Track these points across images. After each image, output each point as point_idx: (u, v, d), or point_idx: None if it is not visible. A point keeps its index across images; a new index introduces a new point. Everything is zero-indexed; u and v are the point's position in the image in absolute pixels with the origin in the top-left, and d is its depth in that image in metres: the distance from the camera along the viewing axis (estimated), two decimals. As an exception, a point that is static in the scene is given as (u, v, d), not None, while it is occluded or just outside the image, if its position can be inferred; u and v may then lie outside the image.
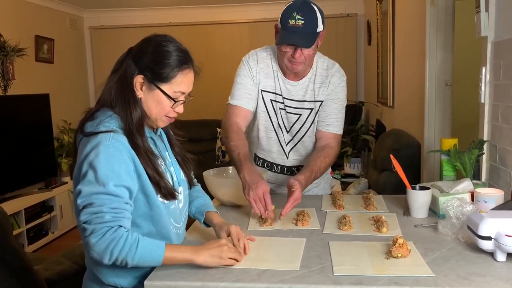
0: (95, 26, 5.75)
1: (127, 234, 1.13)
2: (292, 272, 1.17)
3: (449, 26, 2.59)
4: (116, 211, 1.12)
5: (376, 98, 4.52)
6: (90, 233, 1.11)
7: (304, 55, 1.70)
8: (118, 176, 1.13)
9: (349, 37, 5.45)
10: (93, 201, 1.11)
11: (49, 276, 2.04)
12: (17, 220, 3.75)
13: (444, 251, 1.27)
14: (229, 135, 1.78)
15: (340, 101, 1.86)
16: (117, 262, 1.13)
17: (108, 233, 1.10)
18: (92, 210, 1.11)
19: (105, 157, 1.13)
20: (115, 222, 1.12)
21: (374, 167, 3.47)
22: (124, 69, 1.23)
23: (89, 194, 1.11)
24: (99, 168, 1.12)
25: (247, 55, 1.89)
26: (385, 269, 1.16)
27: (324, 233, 1.47)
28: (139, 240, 1.14)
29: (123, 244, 1.11)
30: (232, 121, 1.82)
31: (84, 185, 1.12)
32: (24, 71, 4.41)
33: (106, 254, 1.11)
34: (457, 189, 1.59)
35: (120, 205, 1.13)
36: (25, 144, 4.11)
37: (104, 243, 1.10)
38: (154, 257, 1.15)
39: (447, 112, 2.68)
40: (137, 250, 1.12)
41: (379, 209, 1.69)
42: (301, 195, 1.61)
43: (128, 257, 1.12)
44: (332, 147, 1.85)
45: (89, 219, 1.11)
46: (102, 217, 1.11)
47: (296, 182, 1.61)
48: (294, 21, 1.63)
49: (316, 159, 1.78)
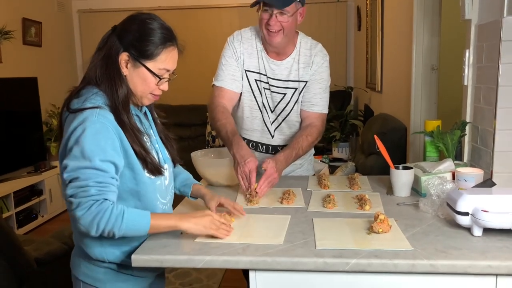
0: (84, 10, 5.68)
1: (112, 206, 1.15)
2: (276, 246, 1.20)
3: (436, 10, 2.62)
4: (102, 185, 1.14)
5: (365, 83, 4.54)
6: (76, 207, 1.13)
7: (280, 22, 1.71)
8: (104, 151, 1.15)
9: (339, 23, 5.45)
10: (78, 175, 1.13)
11: (38, 256, 2.06)
12: (6, 204, 3.75)
13: (424, 227, 1.31)
14: (215, 116, 1.81)
15: (323, 81, 1.89)
16: (104, 234, 1.15)
17: (94, 206, 1.12)
18: (78, 184, 1.13)
19: (92, 132, 1.14)
20: (100, 196, 1.14)
21: (361, 151, 3.51)
22: (109, 47, 1.24)
23: (75, 168, 1.13)
24: (85, 143, 1.13)
25: (231, 35, 1.92)
26: (366, 243, 1.20)
27: (308, 210, 1.50)
28: (125, 211, 1.16)
29: (109, 216, 1.13)
30: (218, 102, 1.85)
31: (70, 160, 1.14)
32: (11, 54, 4.36)
33: (93, 226, 1.13)
34: (439, 169, 1.63)
35: (105, 180, 1.15)
36: (13, 128, 4.08)
37: (90, 216, 1.12)
38: (140, 227, 1.18)
39: (433, 96, 2.72)
40: (123, 221, 1.14)
41: (363, 189, 1.73)
42: (275, 172, 1.64)
43: (114, 228, 1.14)
44: (316, 125, 1.88)
45: (75, 193, 1.13)
46: (88, 191, 1.12)
47: (269, 159, 1.66)
48: None
49: (298, 138, 1.82)
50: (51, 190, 4.35)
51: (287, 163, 1.75)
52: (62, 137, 1.24)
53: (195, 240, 1.26)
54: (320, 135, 1.91)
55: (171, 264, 1.19)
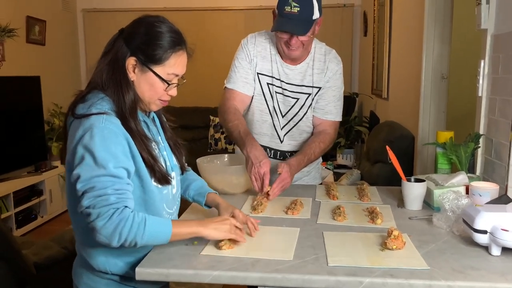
0: (88, 9, 5.65)
1: (133, 214, 1.10)
2: (286, 262, 1.15)
3: (447, 18, 2.58)
4: (120, 192, 1.10)
5: (371, 89, 4.50)
6: (96, 217, 1.07)
7: (300, 41, 1.70)
8: (116, 157, 1.11)
9: (345, 28, 5.41)
10: (94, 185, 1.08)
11: (38, 260, 2.01)
12: (6, 204, 3.70)
13: (439, 244, 1.27)
14: (227, 117, 1.79)
15: (337, 89, 1.87)
16: (125, 244, 1.10)
17: (115, 214, 1.08)
18: (95, 193, 1.08)
19: (100, 139, 1.10)
20: (120, 203, 1.09)
21: (367, 158, 3.46)
22: (116, 51, 1.20)
23: (90, 178, 1.08)
24: (96, 150, 1.09)
25: (245, 38, 1.88)
26: (380, 261, 1.15)
27: (318, 223, 1.46)
28: (146, 219, 1.12)
29: (131, 225, 1.09)
30: (229, 104, 1.83)
31: (83, 169, 1.09)
32: (15, 53, 4.32)
33: (115, 236, 1.08)
34: (452, 182, 1.59)
35: (122, 186, 1.11)
36: (15, 127, 4.04)
37: (112, 225, 1.07)
38: (162, 235, 1.14)
39: (442, 105, 2.68)
40: (145, 229, 1.10)
41: (373, 200, 1.69)
42: (289, 177, 1.65)
43: (137, 237, 1.10)
44: (329, 133, 1.86)
45: (92, 203, 1.08)
46: (107, 199, 1.08)
47: (284, 164, 1.66)
48: (290, 8, 1.63)
49: (311, 143, 1.81)
50: (51, 190, 4.30)
51: (299, 168, 1.75)
52: (66, 143, 1.19)
53: (201, 253, 1.21)
54: (332, 143, 1.89)
55: (177, 279, 1.14)
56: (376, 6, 4.28)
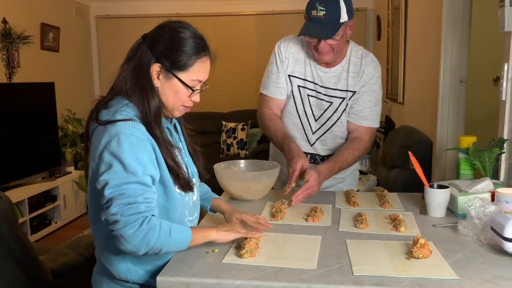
0: (101, 15, 5.69)
1: (159, 222, 1.11)
2: (310, 271, 1.12)
3: (466, 21, 2.53)
4: (149, 200, 1.10)
5: (385, 94, 4.45)
6: (123, 225, 1.06)
7: (329, 45, 1.67)
8: (143, 165, 1.10)
9: (358, 32, 5.35)
10: (124, 192, 1.07)
11: (54, 267, 2.00)
12: (21, 209, 3.71)
13: (467, 253, 1.23)
14: (265, 124, 1.87)
15: (374, 93, 1.81)
16: (149, 252, 1.10)
17: (144, 223, 1.07)
18: (125, 201, 1.07)
19: (128, 146, 1.09)
20: (149, 212, 1.09)
21: (383, 164, 3.42)
22: (140, 57, 1.18)
23: (119, 184, 1.07)
24: (125, 157, 1.07)
25: (280, 40, 1.88)
26: (406, 270, 1.12)
27: (340, 230, 1.43)
28: (171, 227, 1.13)
29: (159, 233, 1.09)
30: (265, 111, 1.88)
31: (111, 175, 1.08)
32: (29, 59, 4.36)
33: (143, 245, 1.08)
34: (477, 189, 1.55)
35: (150, 195, 1.11)
36: (29, 132, 4.06)
37: (141, 234, 1.07)
38: (184, 242, 1.16)
39: (461, 109, 2.63)
40: (170, 237, 1.11)
41: (395, 207, 1.65)
42: (316, 185, 1.63)
43: (163, 244, 1.11)
44: (364, 140, 1.82)
45: (121, 211, 1.07)
46: (137, 207, 1.07)
47: (312, 171, 1.64)
48: (316, 12, 1.62)
49: (344, 150, 1.78)
50: (65, 196, 4.31)
51: (329, 175, 1.73)
52: (87, 149, 1.18)
53: (222, 261, 1.19)
54: (367, 150, 1.86)
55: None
56: (390, 10, 4.24)
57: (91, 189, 1.17)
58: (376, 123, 1.86)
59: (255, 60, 5.54)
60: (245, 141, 5.27)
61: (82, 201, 4.59)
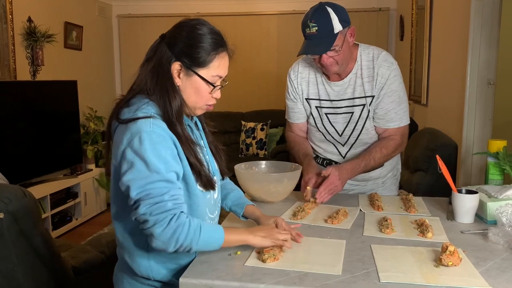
0: (123, 14, 5.74)
1: (188, 220, 1.10)
2: (335, 277, 1.10)
3: (495, 22, 2.46)
4: (175, 197, 1.10)
5: (408, 95, 4.37)
6: (153, 224, 1.07)
7: (331, 58, 1.66)
8: (166, 162, 1.09)
9: (380, 32, 5.30)
10: (150, 192, 1.07)
11: (76, 264, 2.02)
12: (43, 206, 3.77)
13: (498, 261, 1.19)
14: (290, 145, 1.99)
15: (395, 92, 1.75)
16: (180, 249, 1.10)
17: (172, 220, 1.07)
18: (152, 200, 1.07)
19: (150, 143, 1.08)
20: (177, 209, 1.09)
21: (405, 166, 3.35)
22: (160, 57, 1.18)
23: (144, 184, 1.07)
24: (147, 155, 1.07)
25: (290, 68, 1.91)
26: (436, 278, 1.08)
27: (364, 235, 1.40)
28: (202, 225, 1.12)
29: (188, 230, 1.09)
30: (289, 134, 2.01)
31: (135, 175, 1.07)
32: (53, 57, 4.42)
33: (172, 242, 1.08)
34: (507, 195, 1.50)
35: (176, 191, 1.11)
36: (52, 130, 4.12)
37: (170, 231, 1.07)
38: (215, 241, 1.14)
39: (488, 112, 2.56)
40: (200, 235, 1.11)
41: (421, 212, 1.61)
42: (337, 180, 1.65)
43: (193, 242, 1.10)
44: (394, 139, 1.79)
45: (149, 210, 1.07)
46: (164, 206, 1.07)
47: (331, 167, 1.68)
48: (309, 29, 1.63)
49: (372, 148, 1.78)
50: (86, 193, 4.36)
51: (354, 173, 1.72)
52: (110, 147, 1.18)
53: (245, 263, 1.17)
54: (398, 148, 1.81)
55: (221, 291, 1.10)
56: (414, 10, 4.17)
57: (114, 186, 1.17)
58: (405, 121, 1.80)
59: (275, 60, 5.52)
60: (264, 141, 5.26)
61: (102, 198, 4.64)
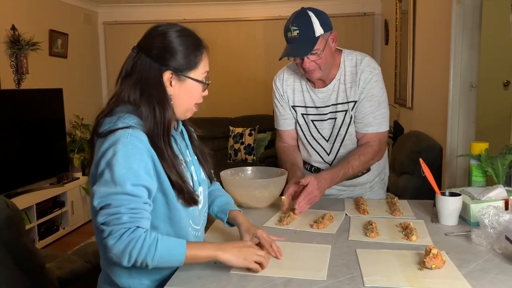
0: (109, 22, 5.72)
1: (145, 234, 1.07)
2: (320, 282, 1.10)
3: (476, 26, 2.50)
4: (134, 211, 1.07)
5: (393, 98, 4.42)
6: (108, 235, 1.05)
7: (313, 62, 1.66)
8: (136, 175, 1.07)
9: (365, 36, 5.35)
10: (110, 202, 1.06)
11: (61, 275, 1.99)
12: (29, 215, 3.72)
13: (481, 263, 1.20)
14: (279, 156, 1.97)
15: (374, 97, 1.75)
16: (137, 264, 1.07)
17: (125, 234, 1.05)
18: (110, 211, 1.06)
19: (123, 155, 1.07)
20: (133, 223, 1.06)
21: (392, 169, 3.37)
22: (143, 69, 1.16)
23: (106, 194, 1.06)
24: (117, 167, 1.06)
25: (275, 75, 1.92)
26: (419, 281, 1.09)
27: (350, 239, 1.40)
28: (158, 240, 1.08)
29: (141, 245, 1.05)
30: (279, 144, 1.99)
31: (101, 185, 1.07)
32: (38, 66, 4.38)
33: (125, 256, 1.05)
34: (490, 196, 1.51)
35: (138, 205, 1.08)
36: (37, 138, 4.07)
37: (122, 245, 1.05)
38: (175, 257, 1.10)
39: (471, 115, 2.59)
40: (156, 251, 1.06)
41: (406, 215, 1.62)
42: (316, 190, 1.63)
43: (147, 258, 1.06)
44: (371, 145, 1.78)
45: (106, 221, 1.06)
46: (120, 218, 1.05)
47: (310, 176, 1.65)
48: (290, 33, 1.64)
49: (350, 156, 1.76)
50: (73, 202, 4.32)
51: (333, 182, 1.71)
52: (92, 159, 1.17)
53: (230, 271, 1.17)
54: (376, 155, 1.80)
55: (206, 299, 1.10)
56: (398, 14, 4.22)
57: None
58: (383, 127, 1.80)
59: (263, 65, 5.53)
60: (253, 146, 5.26)
61: (89, 207, 4.58)
